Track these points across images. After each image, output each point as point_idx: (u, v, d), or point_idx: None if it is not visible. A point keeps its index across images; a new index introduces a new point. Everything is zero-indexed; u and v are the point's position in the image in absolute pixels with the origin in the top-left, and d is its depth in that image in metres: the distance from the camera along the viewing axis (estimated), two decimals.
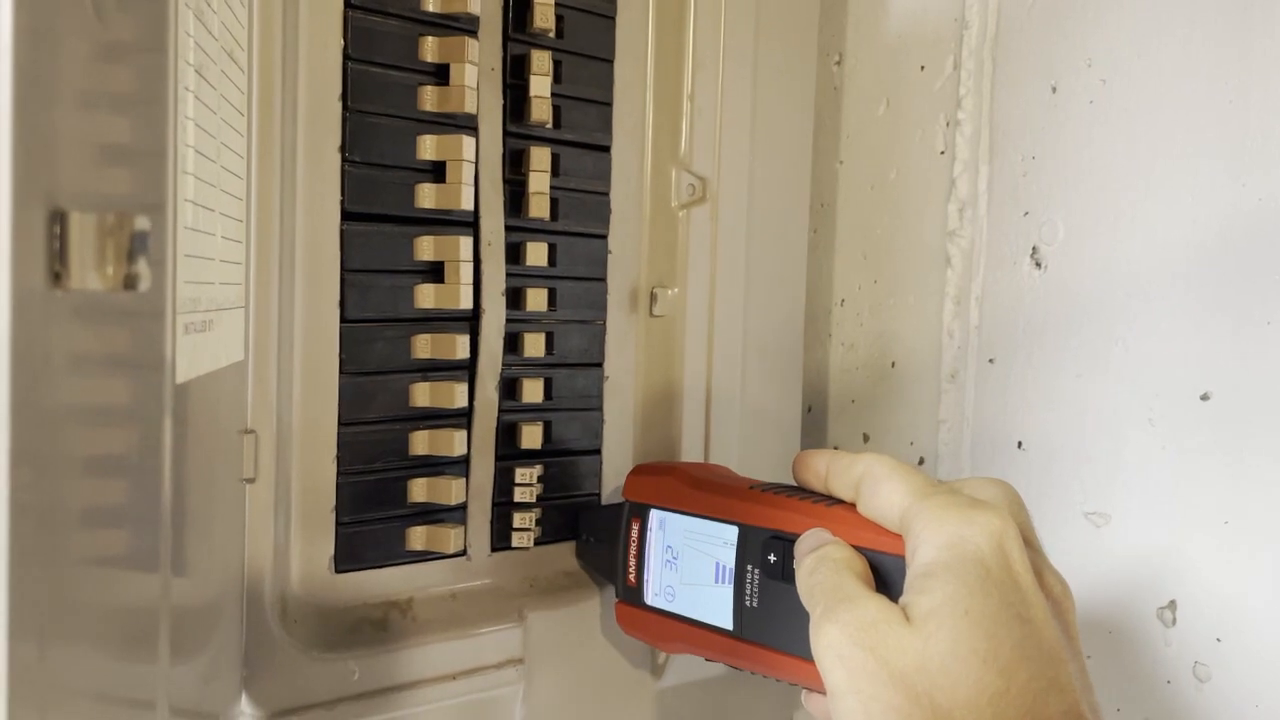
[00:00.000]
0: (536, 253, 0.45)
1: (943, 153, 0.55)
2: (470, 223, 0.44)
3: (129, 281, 0.19)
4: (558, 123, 0.46)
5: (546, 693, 0.46)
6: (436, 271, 0.43)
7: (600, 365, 0.49)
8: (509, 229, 0.45)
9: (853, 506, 0.35)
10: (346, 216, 0.40)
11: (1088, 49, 0.49)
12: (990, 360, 0.53)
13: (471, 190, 0.42)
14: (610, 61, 0.48)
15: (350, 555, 0.41)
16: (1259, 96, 0.43)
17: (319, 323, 0.40)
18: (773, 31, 0.53)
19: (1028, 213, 0.51)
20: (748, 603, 0.38)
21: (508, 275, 0.45)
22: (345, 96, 0.40)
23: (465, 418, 0.44)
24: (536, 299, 0.46)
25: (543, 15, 0.44)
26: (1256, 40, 0.43)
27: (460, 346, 0.43)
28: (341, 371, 0.41)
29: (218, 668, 0.35)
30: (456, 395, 0.43)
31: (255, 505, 0.38)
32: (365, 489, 0.42)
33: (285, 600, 0.40)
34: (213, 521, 0.33)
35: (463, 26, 0.42)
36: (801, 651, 0.35)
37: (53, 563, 0.19)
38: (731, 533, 0.39)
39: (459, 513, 0.44)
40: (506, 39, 0.44)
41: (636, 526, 0.44)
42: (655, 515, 0.43)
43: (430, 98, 0.42)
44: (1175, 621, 0.45)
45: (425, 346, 0.43)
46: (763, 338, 0.54)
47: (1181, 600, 0.45)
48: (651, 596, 0.43)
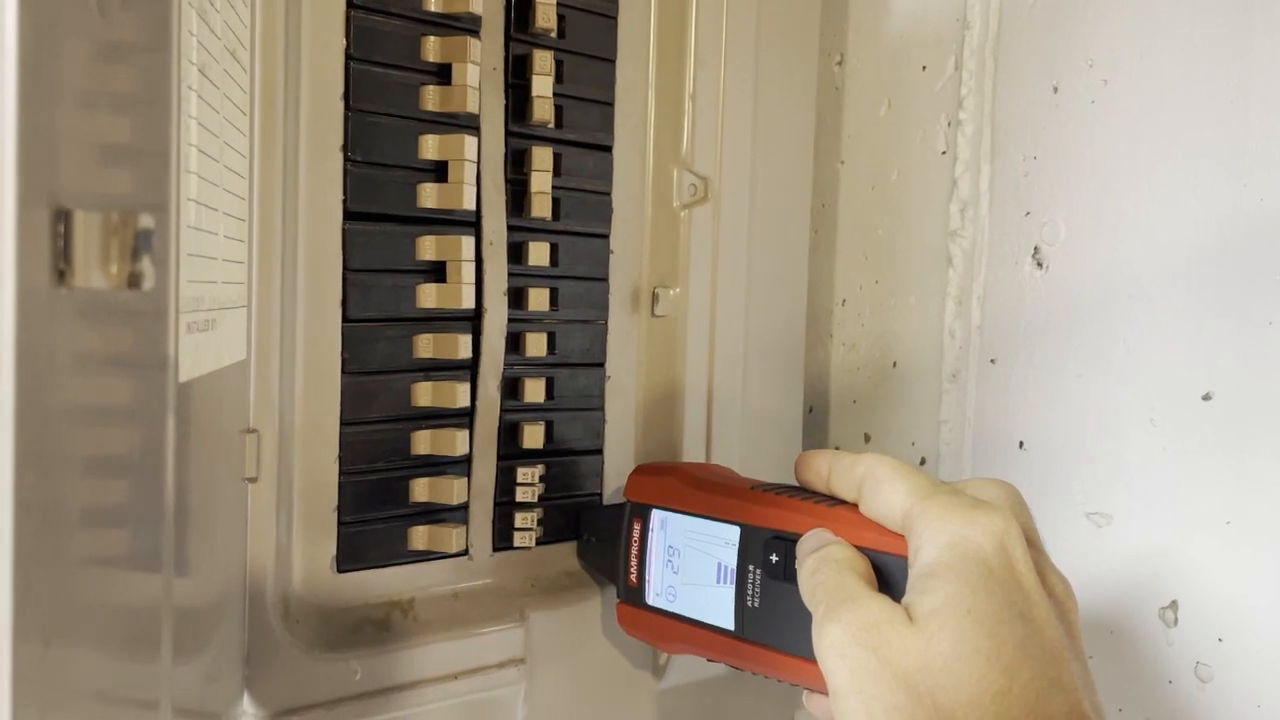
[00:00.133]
0: (538, 252, 0.45)
1: (944, 153, 0.55)
2: (472, 222, 0.44)
3: (133, 280, 0.19)
4: (560, 122, 0.46)
5: (548, 693, 0.46)
6: (438, 271, 0.43)
7: (602, 365, 0.49)
8: (511, 229, 0.45)
9: (855, 507, 0.35)
10: (348, 216, 0.40)
11: (1089, 49, 0.49)
12: (992, 360, 0.53)
13: (473, 190, 0.43)
14: (612, 61, 0.48)
15: (352, 555, 0.41)
16: (1260, 97, 0.43)
17: (321, 322, 0.40)
18: (774, 31, 0.53)
19: (1029, 213, 0.51)
20: (749, 603, 0.38)
21: (510, 275, 0.45)
22: (347, 96, 0.40)
23: (467, 417, 0.44)
24: (538, 299, 0.46)
25: (544, 15, 0.44)
26: (1257, 41, 0.43)
27: (462, 346, 0.43)
28: (344, 371, 0.41)
29: (220, 668, 0.35)
30: (458, 395, 0.43)
31: (257, 505, 0.38)
32: (367, 488, 0.42)
33: (287, 600, 0.40)
34: (215, 521, 0.33)
35: (465, 26, 0.42)
36: (803, 652, 0.35)
37: (56, 563, 0.19)
38: (733, 533, 0.39)
39: (461, 512, 0.44)
40: (508, 39, 0.44)
41: (638, 526, 0.44)
42: (657, 515, 0.43)
43: (432, 97, 0.42)
44: (1177, 621, 0.45)
45: (427, 346, 0.43)
46: (764, 338, 0.54)
47: (1183, 600, 0.45)
48: (653, 596, 0.43)
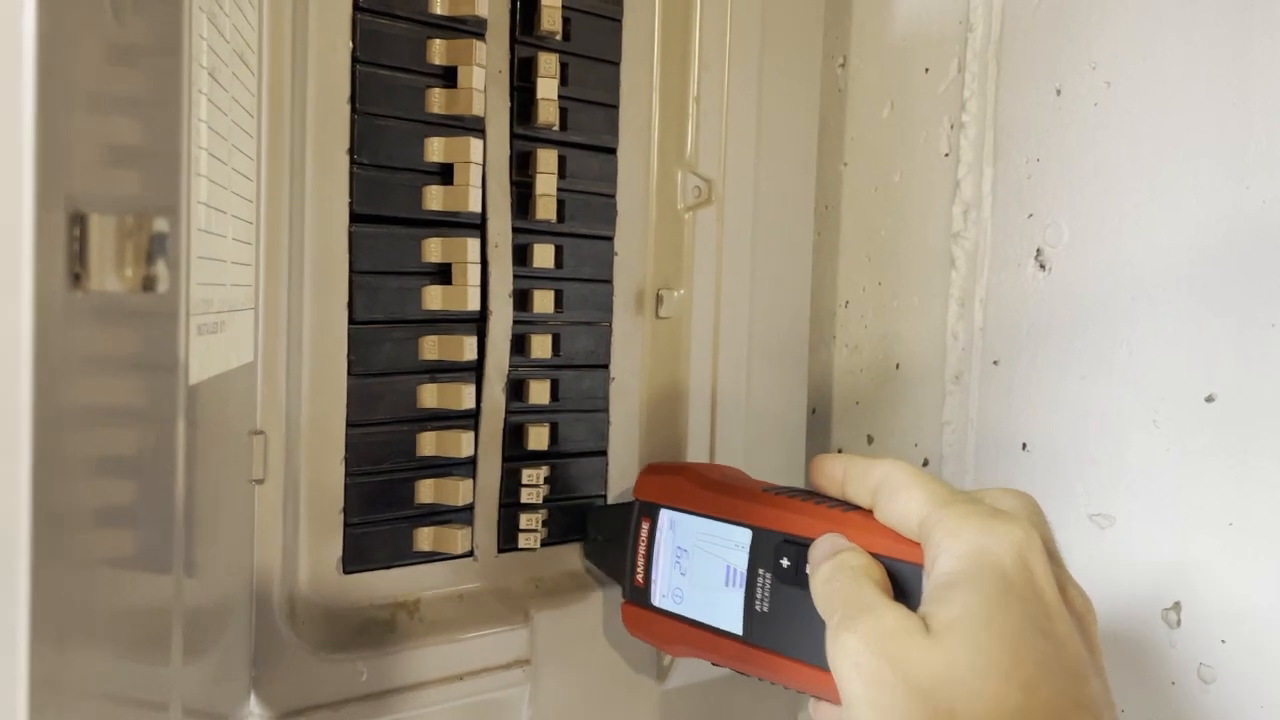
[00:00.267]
0: (543, 254, 0.45)
1: (947, 155, 0.56)
2: (478, 225, 0.44)
3: (147, 283, 0.19)
4: (564, 125, 0.46)
5: (553, 693, 0.46)
6: (444, 273, 0.43)
7: (606, 367, 0.49)
8: (516, 231, 0.45)
9: (869, 513, 0.35)
10: (355, 218, 0.41)
11: (1092, 52, 0.49)
12: (995, 362, 0.53)
13: (479, 192, 0.43)
14: (616, 64, 0.48)
15: (358, 556, 0.41)
16: (1262, 99, 0.43)
17: (327, 324, 0.40)
18: (778, 34, 0.53)
19: (1032, 215, 0.51)
20: (758, 607, 0.38)
21: (515, 277, 0.45)
22: (354, 99, 0.40)
23: (472, 419, 0.44)
24: (543, 301, 0.46)
25: (550, 18, 0.44)
26: (1259, 43, 0.43)
27: (468, 348, 0.43)
28: (350, 373, 0.41)
29: (227, 668, 0.35)
30: (464, 397, 0.43)
31: (264, 506, 0.38)
32: (373, 490, 0.42)
33: (294, 601, 0.40)
34: (223, 522, 0.33)
35: (470, 29, 0.42)
36: (812, 659, 0.35)
37: (72, 564, 0.19)
38: (744, 535, 0.39)
39: (466, 514, 0.44)
40: (514, 41, 0.44)
41: (646, 526, 0.43)
42: (666, 515, 0.42)
43: (438, 100, 0.42)
44: (1180, 623, 0.46)
45: (433, 348, 0.43)
46: (768, 339, 0.54)
47: (1186, 602, 0.45)
48: (659, 598, 0.42)
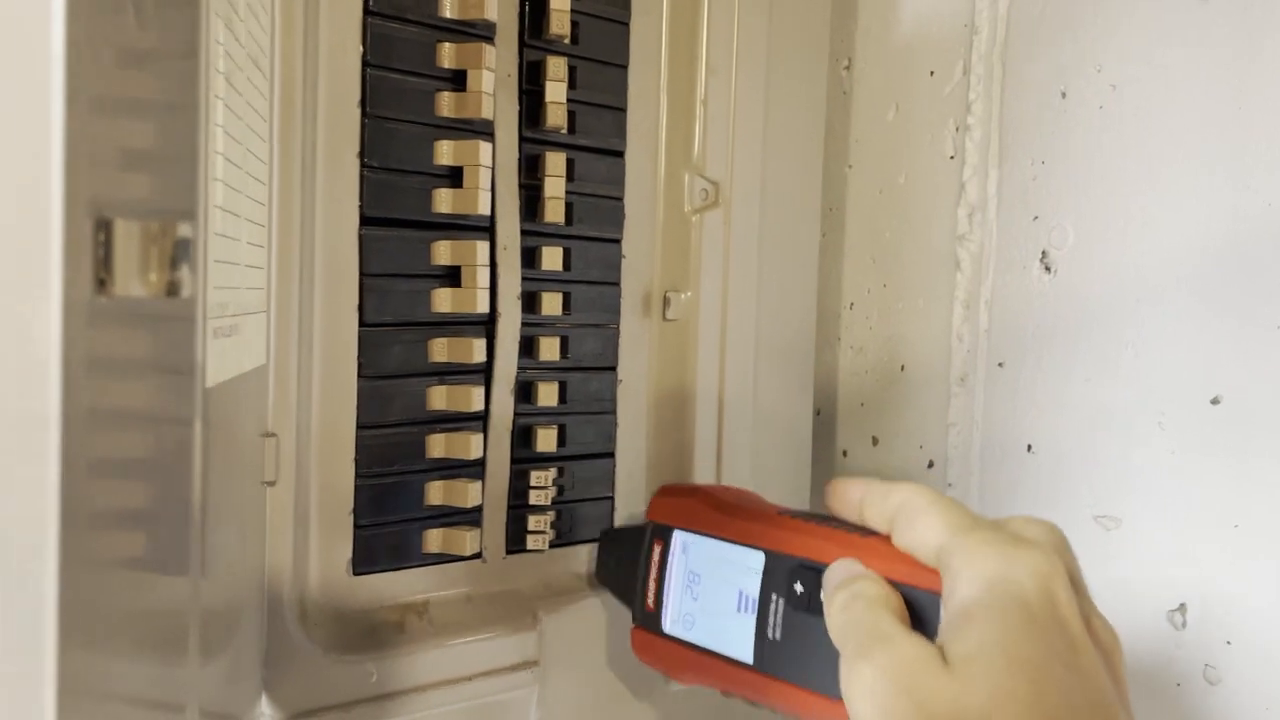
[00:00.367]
0: (552, 257, 0.46)
1: (952, 157, 0.56)
2: (487, 227, 0.44)
3: (172, 288, 0.20)
4: (572, 128, 0.46)
5: (560, 695, 0.46)
6: (453, 276, 0.43)
7: (614, 369, 0.49)
8: (524, 233, 0.45)
9: (887, 538, 0.33)
10: (365, 221, 0.41)
11: (1097, 55, 0.49)
12: (1000, 364, 0.53)
13: (488, 195, 0.43)
14: (624, 67, 0.48)
15: (368, 558, 0.42)
16: (1267, 102, 0.43)
17: (338, 326, 0.40)
18: (785, 38, 0.53)
19: (1037, 217, 0.52)
20: (770, 634, 0.37)
21: (523, 279, 0.45)
22: (364, 102, 0.40)
23: (481, 421, 0.44)
24: (551, 303, 0.46)
25: (558, 22, 0.44)
26: (1264, 47, 0.43)
27: (477, 350, 0.43)
28: (360, 375, 0.41)
29: (240, 670, 0.35)
30: (473, 399, 0.43)
31: (275, 508, 0.39)
32: (383, 492, 0.42)
33: (304, 603, 0.40)
34: (236, 524, 0.33)
35: (480, 33, 0.43)
36: (826, 689, 0.34)
37: (96, 566, 0.19)
38: (757, 559, 0.38)
39: (475, 515, 0.44)
40: (523, 45, 0.45)
41: (659, 549, 0.42)
42: (679, 538, 0.41)
43: (447, 103, 0.42)
44: (1185, 624, 0.46)
45: (442, 350, 0.43)
46: (774, 341, 0.54)
47: (1192, 603, 0.46)
48: (670, 624, 0.41)
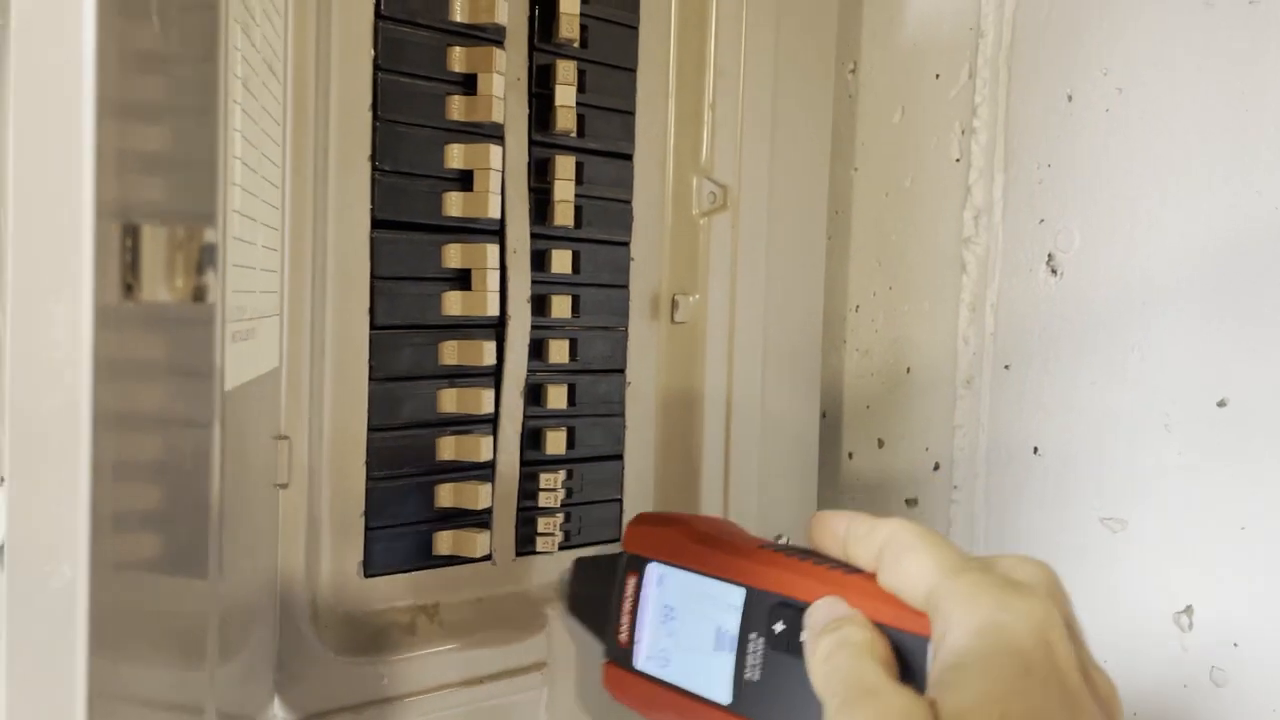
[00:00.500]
0: (561, 260, 0.46)
1: (958, 160, 0.56)
2: (497, 230, 0.44)
3: (198, 294, 0.20)
4: (582, 131, 0.46)
5: (570, 696, 0.46)
6: (464, 279, 0.43)
7: (622, 371, 0.49)
8: (534, 236, 0.45)
9: (872, 576, 0.32)
10: (376, 224, 0.41)
11: (1104, 58, 0.49)
12: (1006, 366, 0.54)
13: (498, 198, 0.43)
14: (633, 71, 0.48)
15: (379, 560, 0.42)
16: (1272, 105, 0.43)
17: (350, 329, 0.40)
18: (792, 41, 0.53)
19: (1043, 220, 0.52)
20: (748, 675, 0.35)
21: (533, 282, 0.45)
22: (375, 106, 0.40)
23: (491, 423, 0.44)
24: (561, 306, 0.46)
25: (568, 26, 0.44)
26: (1269, 50, 0.43)
27: (487, 353, 0.43)
28: (371, 378, 0.41)
29: (253, 672, 0.35)
30: (483, 401, 0.43)
31: (288, 510, 0.39)
32: (394, 494, 0.42)
33: (316, 605, 0.40)
34: (250, 527, 0.34)
35: (490, 37, 0.43)
36: None
37: (123, 568, 0.20)
38: (737, 595, 0.36)
39: (485, 517, 0.44)
40: (532, 49, 0.45)
41: (633, 581, 0.40)
42: (654, 570, 0.39)
43: (458, 107, 0.42)
44: (1192, 626, 0.46)
45: (452, 353, 0.43)
46: (781, 343, 0.54)
47: (1198, 605, 0.46)
48: (643, 660, 0.39)
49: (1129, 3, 0.48)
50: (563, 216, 0.45)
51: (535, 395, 0.46)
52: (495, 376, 0.44)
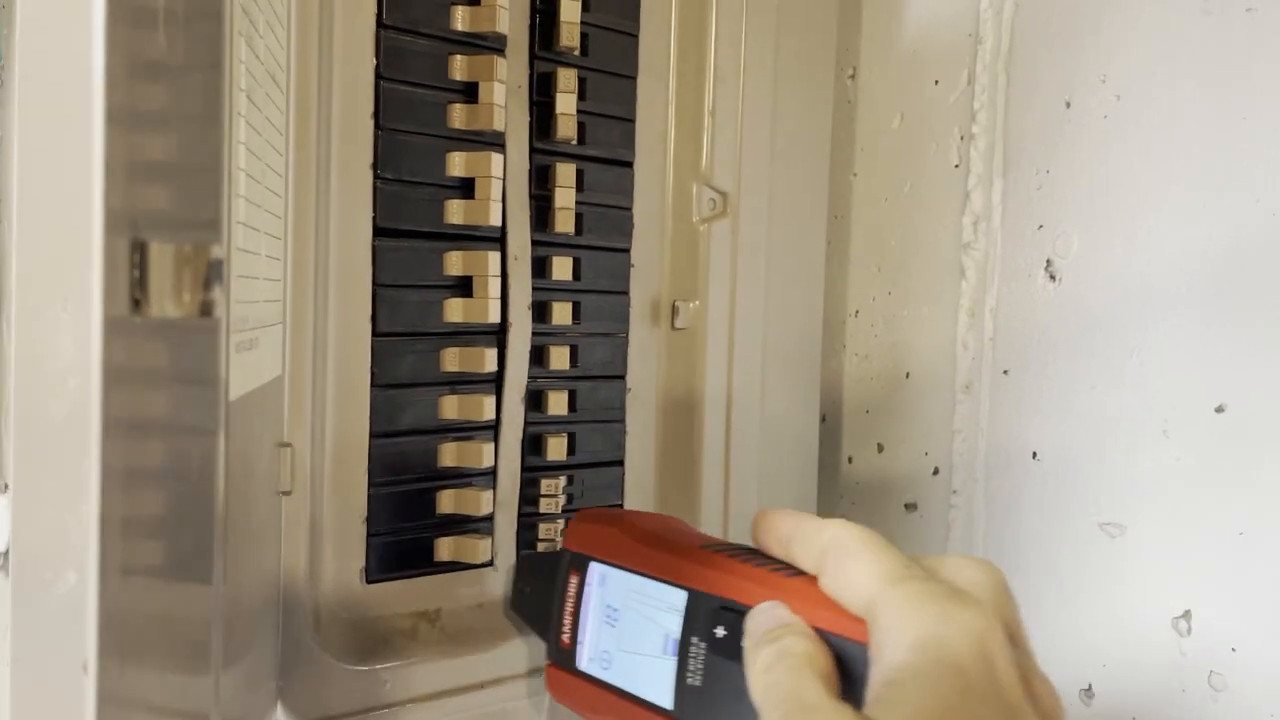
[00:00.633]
0: (562, 267, 0.46)
1: (957, 166, 0.56)
2: (498, 238, 0.44)
3: (205, 308, 0.20)
4: (582, 139, 0.47)
5: None
6: (465, 286, 0.43)
7: (623, 378, 0.49)
8: (535, 243, 0.45)
9: (814, 580, 0.31)
10: (378, 232, 0.41)
11: (1102, 65, 0.49)
12: (1005, 371, 0.54)
13: (499, 206, 0.43)
14: (633, 78, 0.48)
15: (381, 566, 0.42)
16: (1270, 112, 0.43)
17: (352, 337, 0.41)
18: (792, 48, 0.53)
19: (1042, 226, 0.52)
20: (689, 680, 0.34)
21: (534, 289, 0.45)
22: (377, 115, 0.41)
23: (492, 430, 0.45)
24: (562, 312, 0.46)
25: (568, 34, 0.45)
26: (1268, 57, 0.44)
27: (488, 360, 0.43)
28: (373, 385, 0.41)
29: (256, 678, 0.35)
30: (484, 408, 0.43)
31: (290, 517, 0.39)
32: (395, 500, 0.42)
33: (318, 611, 0.40)
34: (253, 534, 0.34)
35: (491, 45, 0.43)
36: None
37: (131, 575, 0.20)
38: (679, 597, 0.35)
39: (486, 523, 0.45)
40: (533, 57, 0.45)
41: (575, 581, 0.39)
42: (596, 569, 0.38)
43: (459, 115, 0.43)
44: (1190, 631, 0.46)
45: (454, 360, 0.43)
46: (781, 349, 0.54)
47: (1196, 610, 0.46)
48: (586, 662, 0.38)
49: (1127, 10, 0.48)
50: (563, 223, 0.46)
51: (536, 401, 0.46)
52: (496, 383, 0.45)
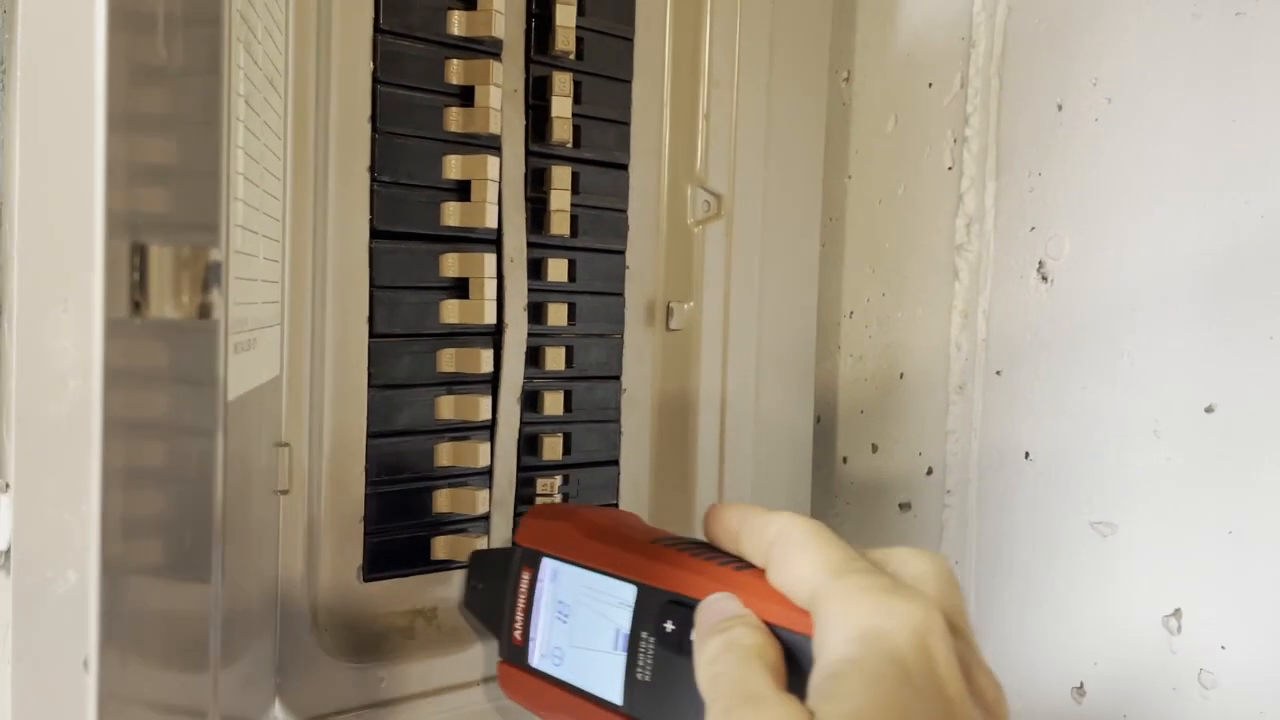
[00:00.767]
0: (557, 269, 0.46)
1: (950, 168, 0.57)
2: (494, 240, 0.45)
3: (203, 311, 0.20)
4: (578, 142, 0.47)
5: None
6: (461, 287, 0.44)
7: (618, 378, 0.50)
8: (531, 245, 0.46)
9: (763, 573, 0.31)
10: (375, 234, 0.42)
11: (1093, 68, 0.50)
12: (997, 372, 0.54)
13: (495, 208, 0.44)
14: (628, 82, 0.49)
15: (378, 565, 0.42)
16: (1258, 115, 0.44)
17: (349, 338, 0.41)
18: (786, 51, 0.54)
19: (1034, 228, 0.52)
20: (639, 675, 0.34)
21: (529, 291, 0.46)
22: (374, 118, 0.41)
23: (489, 430, 0.45)
24: (557, 314, 0.47)
25: (564, 38, 0.45)
26: (1254, 60, 0.44)
27: (484, 360, 0.44)
28: (370, 385, 0.42)
29: (255, 676, 0.35)
30: (480, 408, 0.44)
31: (288, 516, 0.39)
32: (392, 500, 0.43)
33: (316, 609, 0.41)
34: (251, 532, 0.34)
35: (487, 50, 0.44)
36: None
37: (130, 573, 0.20)
38: (629, 592, 0.35)
39: (482, 523, 0.45)
40: (529, 61, 0.46)
41: (527, 577, 0.39)
42: (548, 565, 0.38)
43: (456, 119, 0.43)
44: (1181, 629, 0.46)
45: (450, 360, 0.44)
46: (775, 350, 0.55)
47: (1187, 608, 0.46)
48: (538, 658, 0.38)
49: (1118, 14, 0.49)
50: (559, 226, 0.46)
51: (532, 402, 0.47)
52: (493, 383, 0.45)
